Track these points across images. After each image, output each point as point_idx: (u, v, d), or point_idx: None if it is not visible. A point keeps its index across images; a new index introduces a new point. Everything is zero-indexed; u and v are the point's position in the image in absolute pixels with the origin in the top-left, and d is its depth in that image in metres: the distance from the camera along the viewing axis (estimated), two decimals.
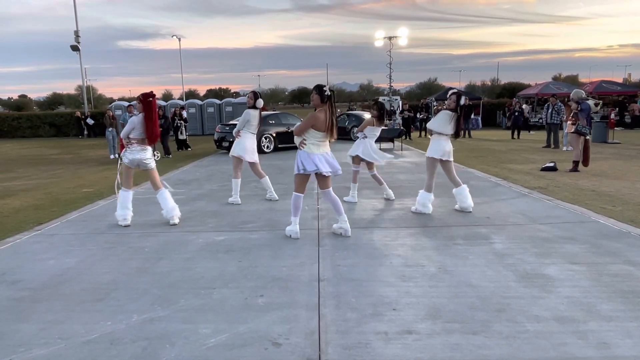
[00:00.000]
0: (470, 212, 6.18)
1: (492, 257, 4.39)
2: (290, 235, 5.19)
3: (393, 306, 3.37)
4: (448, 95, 6.15)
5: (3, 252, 4.93)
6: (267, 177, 7.36)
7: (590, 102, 10.01)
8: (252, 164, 7.23)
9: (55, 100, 73.50)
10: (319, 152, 5.01)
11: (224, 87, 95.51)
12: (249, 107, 7.13)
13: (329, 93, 4.98)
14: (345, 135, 19.63)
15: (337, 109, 8.51)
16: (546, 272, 3.99)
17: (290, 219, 5.24)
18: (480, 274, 3.96)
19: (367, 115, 20.56)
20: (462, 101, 5.94)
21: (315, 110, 5.04)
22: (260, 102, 7.15)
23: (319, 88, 5.02)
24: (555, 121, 14.96)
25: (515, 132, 19.35)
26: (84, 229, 5.78)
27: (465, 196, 6.22)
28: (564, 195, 7.21)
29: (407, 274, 4.02)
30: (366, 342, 2.88)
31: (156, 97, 5.93)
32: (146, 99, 5.79)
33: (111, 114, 15.53)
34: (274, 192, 7.37)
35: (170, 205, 5.93)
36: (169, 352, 2.81)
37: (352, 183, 7.15)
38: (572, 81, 54.21)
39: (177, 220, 5.91)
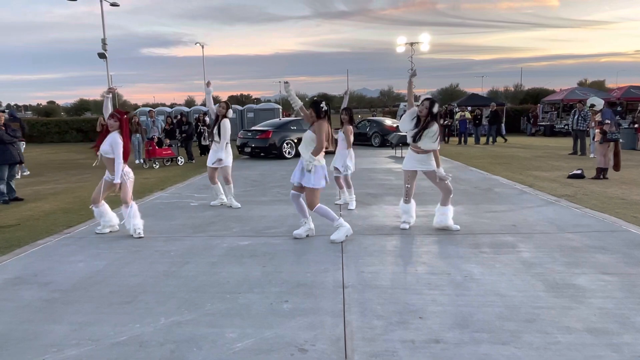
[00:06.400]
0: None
1: (520, 266, 4.31)
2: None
3: (419, 314, 3.34)
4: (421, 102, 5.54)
5: (35, 254, 5.07)
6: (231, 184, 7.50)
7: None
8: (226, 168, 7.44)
9: (82, 106, 75.14)
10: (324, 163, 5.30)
11: (245, 93, 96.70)
12: (223, 117, 7.44)
13: (326, 108, 5.27)
14: (366, 141, 19.62)
15: (358, 115, 8.65)
16: (576, 282, 3.90)
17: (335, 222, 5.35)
18: (508, 283, 3.89)
19: (388, 122, 20.50)
20: (435, 108, 5.37)
21: (313, 124, 5.23)
22: (230, 112, 7.59)
23: (317, 104, 5.26)
24: (581, 127, 14.66)
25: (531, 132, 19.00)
26: (112, 232, 5.88)
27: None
28: (593, 203, 7.04)
29: (433, 281, 3.98)
30: (393, 350, 2.85)
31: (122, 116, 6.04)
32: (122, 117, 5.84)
33: (137, 119, 15.81)
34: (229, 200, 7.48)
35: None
36: (197, 356, 2.84)
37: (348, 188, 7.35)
38: (599, 87, 52.99)
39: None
